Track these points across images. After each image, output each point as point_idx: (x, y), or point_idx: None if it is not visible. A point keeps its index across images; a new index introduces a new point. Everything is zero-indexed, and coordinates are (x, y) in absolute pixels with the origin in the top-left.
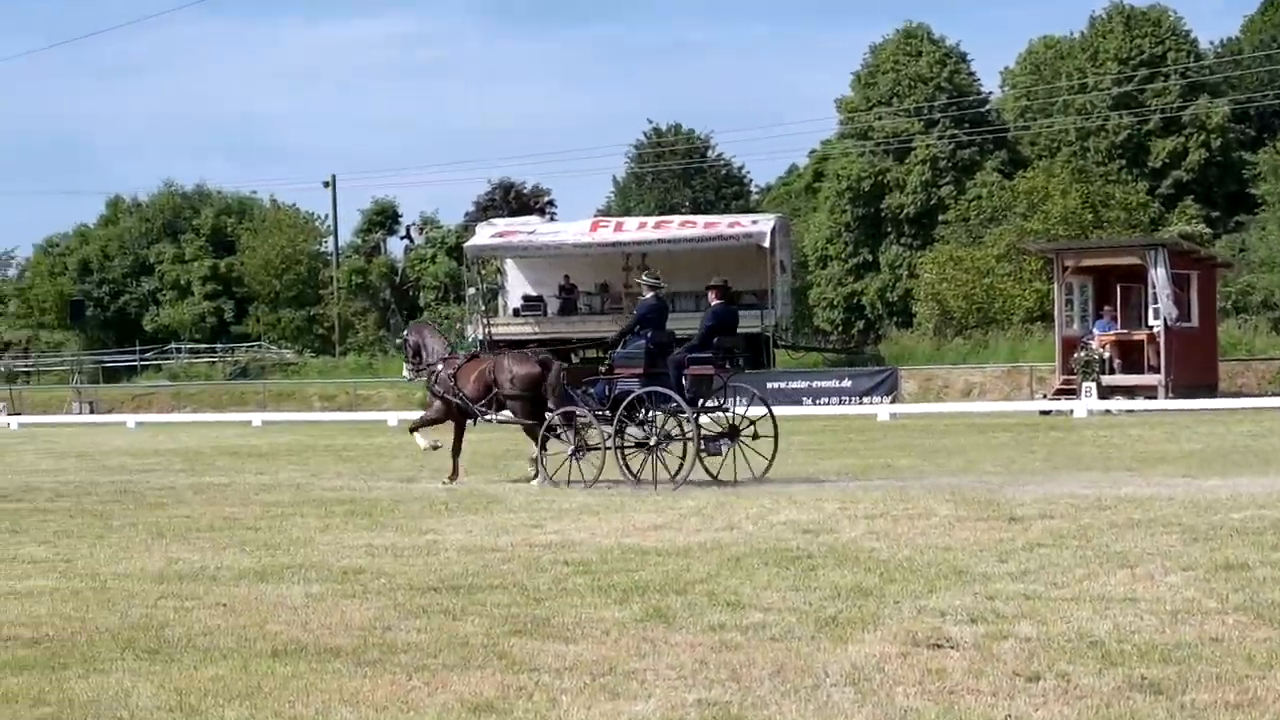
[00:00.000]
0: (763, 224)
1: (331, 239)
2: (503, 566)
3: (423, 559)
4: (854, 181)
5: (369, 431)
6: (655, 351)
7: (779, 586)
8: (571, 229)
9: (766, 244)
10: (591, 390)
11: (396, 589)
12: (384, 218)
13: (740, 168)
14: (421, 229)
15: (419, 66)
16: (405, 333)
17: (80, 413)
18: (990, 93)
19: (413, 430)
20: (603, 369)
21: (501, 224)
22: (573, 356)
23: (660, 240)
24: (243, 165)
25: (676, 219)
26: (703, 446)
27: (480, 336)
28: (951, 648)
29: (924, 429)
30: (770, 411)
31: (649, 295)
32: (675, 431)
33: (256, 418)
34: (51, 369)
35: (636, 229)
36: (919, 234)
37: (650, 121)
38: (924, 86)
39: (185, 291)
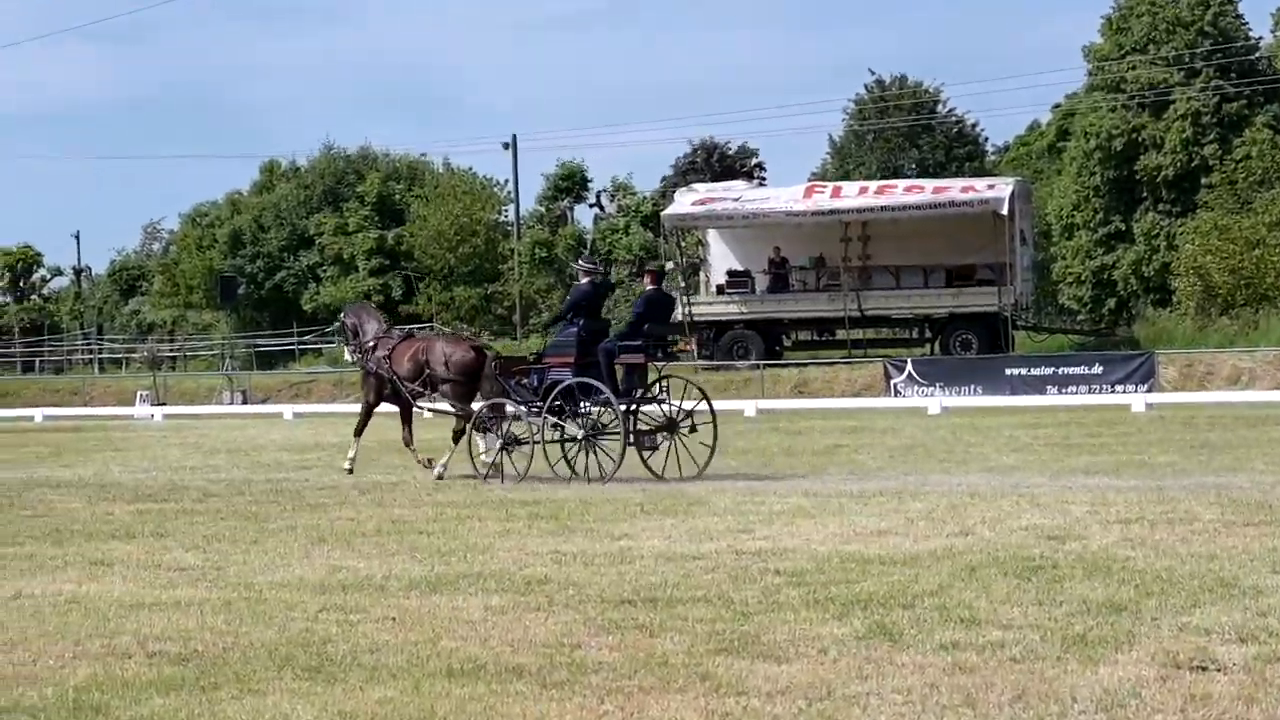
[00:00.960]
0: (1000, 188)
1: (512, 207)
2: (706, 576)
3: (615, 568)
4: (1104, 140)
5: None
6: (588, 340)
7: (1020, 600)
8: (783, 195)
9: (1004, 211)
10: (526, 381)
11: (586, 601)
12: (571, 183)
13: (974, 125)
14: (613, 196)
15: (610, 14)
16: (342, 315)
17: (231, 403)
18: (1260, 38)
19: (357, 433)
20: (530, 358)
21: (703, 190)
22: (784, 339)
23: (883, 208)
24: (413, 125)
25: (901, 183)
26: (636, 440)
27: (680, 317)
28: (1218, 670)
29: (1185, 421)
30: (710, 405)
31: (583, 280)
32: (606, 424)
33: (428, 409)
34: (199, 354)
35: (856, 195)
36: (1179, 199)
37: (872, 73)
38: (1184, 32)
39: (348, 267)
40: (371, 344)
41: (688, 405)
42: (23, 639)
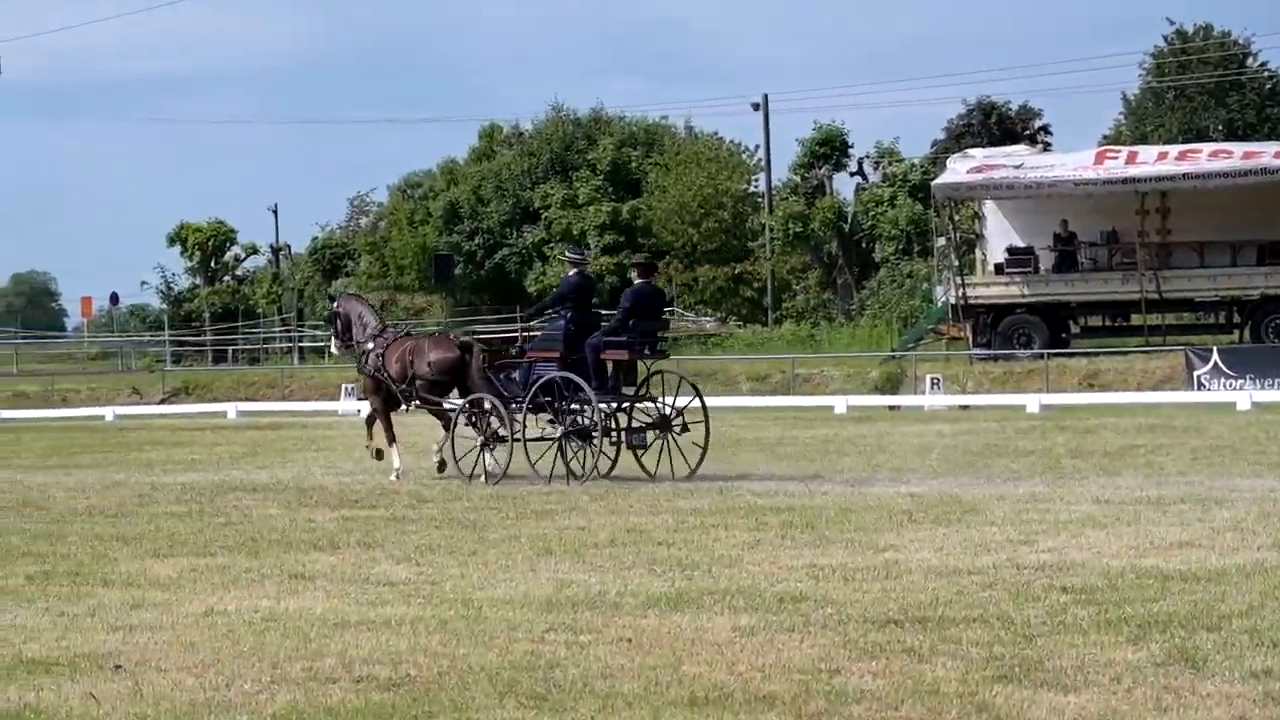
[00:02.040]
0: None
1: (762, 176)
2: (982, 594)
3: (880, 583)
4: None
5: (811, 420)
6: (576, 334)
7: None
8: (1070, 161)
9: None
10: (514, 376)
11: (847, 621)
12: (830, 149)
13: None
14: (877, 163)
15: None
16: (334, 304)
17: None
18: None
19: (390, 440)
20: (513, 351)
21: (980, 156)
22: (1072, 324)
23: (1185, 175)
24: (650, 84)
25: (1206, 147)
26: (622, 438)
27: (952, 299)
28: None
29: None
30: (702, 401)
31: (572, 272)
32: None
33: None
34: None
35: (1154, 161)
36: None
37: (1171, 23)
38: None
39: (578, 243)
40: (369, 345)
41: (679, 402)
42: (216, 660)
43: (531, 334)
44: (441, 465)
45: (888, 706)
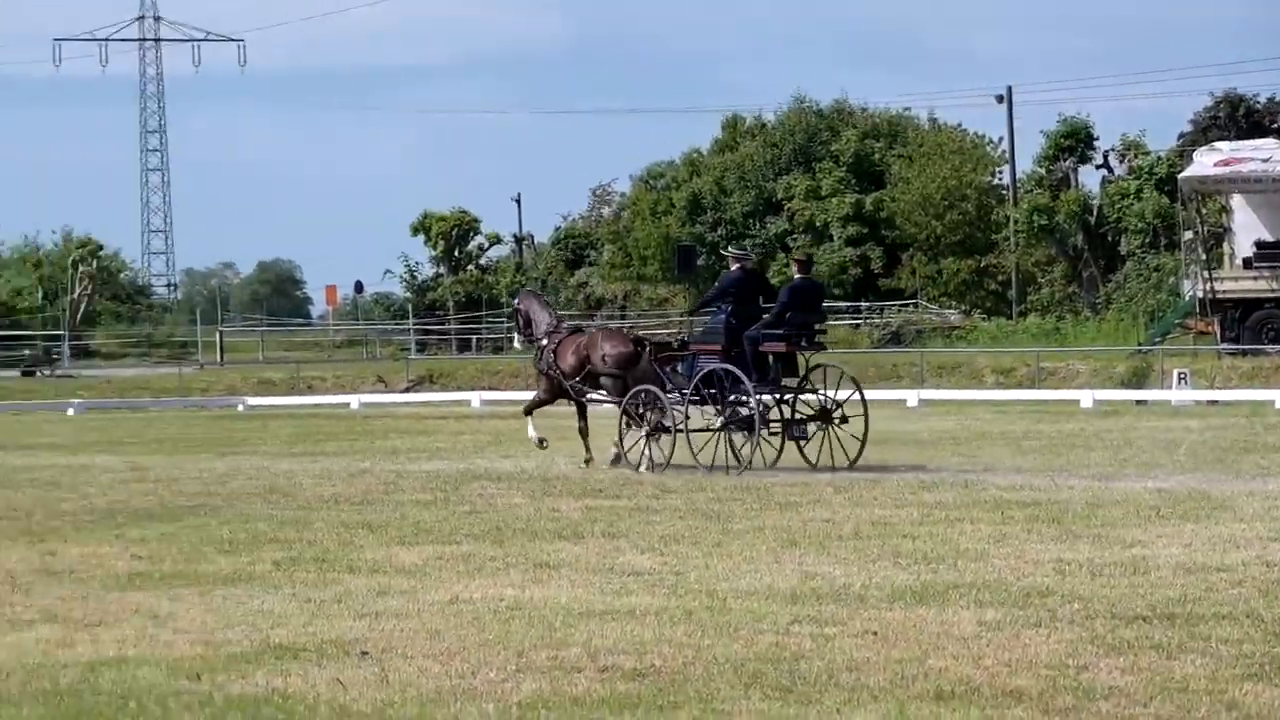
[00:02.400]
0: None
1: (1007, 169)
2: (1232, 591)
3: (1128, 579)
4: None
5: (1057, 414)
6: (737, 327)
7: None
8: None
9: None
10: (680, 368)
11: (1094, 617)
12: (1075, 141)
13: None
14: (1123, 156)
15: None
16: (515, 301)
17: None
18: None
19: (527, 412)
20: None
21: (1227, 149)
22: None
23: None
24: (894, 75)
25: None
26: (788, 430)
27: (1200, 294)
28: None
29: None
30: (861, 393)
31: (734, 268)
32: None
33: (912, 396)
34: (656, 332)
35: None
36: None
37: None
38: None
39: (821, 235)
40: (543, 340)
41: (839, 395)
42: (461, 648)
43: (696, 327)
44: (616, 458)
45: (1136, 703)
